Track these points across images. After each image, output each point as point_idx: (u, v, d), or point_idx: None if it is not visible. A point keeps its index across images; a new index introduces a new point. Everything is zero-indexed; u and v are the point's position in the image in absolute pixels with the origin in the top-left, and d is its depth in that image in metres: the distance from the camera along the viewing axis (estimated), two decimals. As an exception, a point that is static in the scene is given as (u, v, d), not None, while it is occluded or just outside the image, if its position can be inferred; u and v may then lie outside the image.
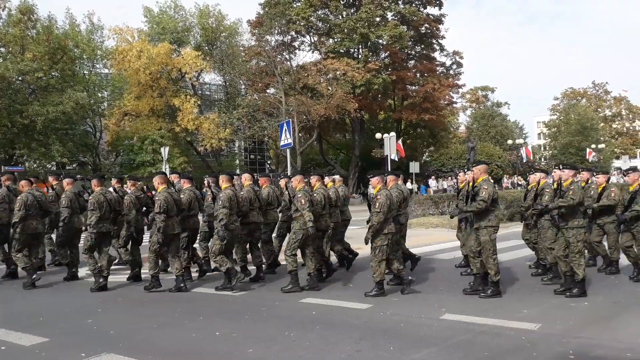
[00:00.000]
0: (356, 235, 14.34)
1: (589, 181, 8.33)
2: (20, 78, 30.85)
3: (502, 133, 60.43)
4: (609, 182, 8.41)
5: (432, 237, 13.61)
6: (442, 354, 4.71)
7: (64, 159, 33.07)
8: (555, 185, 7.03)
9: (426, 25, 40.38)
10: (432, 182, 39.80)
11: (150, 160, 34.03)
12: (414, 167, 32.00)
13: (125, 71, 35.21)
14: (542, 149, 73.21)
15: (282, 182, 9.37)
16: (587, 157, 50.75)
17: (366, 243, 7.25)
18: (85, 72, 36.61)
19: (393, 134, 24.93)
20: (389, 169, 21.09)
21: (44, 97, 30.75)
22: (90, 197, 8.25)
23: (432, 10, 41.29)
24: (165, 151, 26.89)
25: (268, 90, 38.88)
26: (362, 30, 35.56)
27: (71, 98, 30.41)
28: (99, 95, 38.00)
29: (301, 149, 36.35)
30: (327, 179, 9.21)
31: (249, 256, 8.67)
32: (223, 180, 8.20)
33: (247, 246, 8.63)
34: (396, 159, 27.65)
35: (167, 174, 9.28)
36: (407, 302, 6.72)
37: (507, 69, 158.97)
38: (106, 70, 39.04)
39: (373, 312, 6.26)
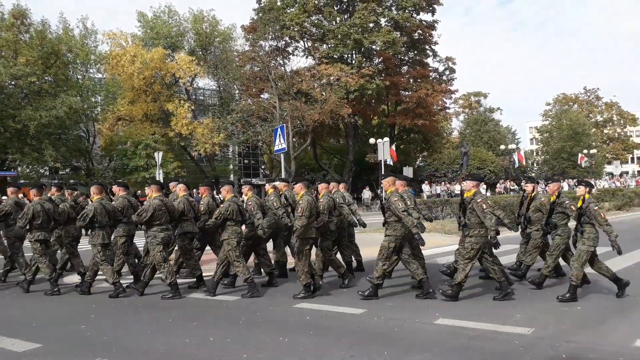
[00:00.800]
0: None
1: (534, 191, 8.63)
2: (13, 82, 30.70)
3: (494, 138, 60.74)
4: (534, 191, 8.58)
5: (426, 242, 13.61)
6: (436, 359, 4.72)
7: (57, 163, 32.93)
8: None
9: (419, 31, 40.62)
10: (425, 187, 39.90)
11: (143, 165, 33.94)
12: (408, 172, 32.11)
13: (119, 76, 35.13)
14: (534, 154, 73.60)
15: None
16: (579, 162, 51.05)
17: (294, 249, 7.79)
18: (78, 76, 36.48)
19: (387, 139, 25.04)
20: (383, 174, 21.21)
21: (37, 101, 30.62)
22: (25, 207, 8.51)
23: (425, 17, 41.61)
24: (159, 156, 26.86)
25: (262, 96, 38.91)
26: (355, 36, 35.72)
27: (64, 103, 30.29)
28: (93, 100, 37.85)
29: (295, 154, 36.36)
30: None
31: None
32: (152, 190, 8.37)
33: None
34: (391, 163, 27.67)
35: (161, 179, 9.38)
36: (401, 307, 6.73)
37: (499, 74, 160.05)
38: (100, 75, 38.93)
39: (367, 317, 6.27)
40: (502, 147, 49.98)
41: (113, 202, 8.64)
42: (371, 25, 37.68)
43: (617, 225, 12.13)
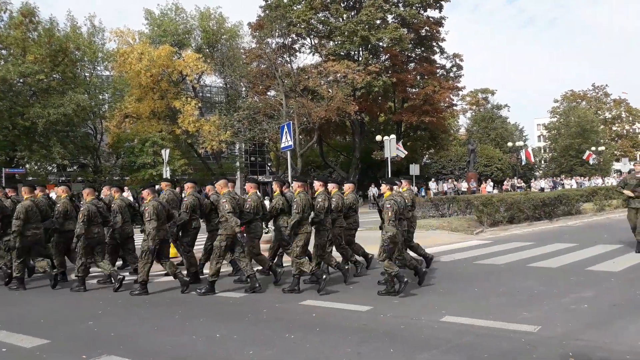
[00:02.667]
0: (357, 237, 14.39)
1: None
2: (21, 80, 30.88)
3: (502, 135, 60.45)
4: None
5: (432, 240, 13.60)
6: (442, 357, 4.72)
7: (65, 161, 33.09)
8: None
9: (426, 27, 40.45)
10: (432, 185, 39.80)
11: (151, 162, 34.05)
12: (414, 169, 32.01)
13: (126, 73, 35.24)
14: (542, 151, 73.22)
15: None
16: (586, 159, 50.74)
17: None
18: (86, 74, 36.67)
19: (393, 136, 24.97)
20: (389, 172, 21.14)
21: (45, 99, 30.78)
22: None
23: (432, 13, 41.41)
24: (165, 153, 26.91)
25: (269, 93, 38.93)
26: (362, 33, 35.62)
27: (72, 100, 30.43)
28: (100, 97, 38.04)
29: (302, 151, 36.35)
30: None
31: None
32: (24, 192, 8.74)
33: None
34: (403, 155, 27.45)
35: (168, 176, 9.52)
36: (407, 304, 6.73)
37: (507, 71, 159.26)
38: (107, 73, 39.11)
39: (373, 314, 6.27)
40: (510, 144, 49.73)
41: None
42: (378, 21, 37.55)
43: (620, 223, 12.03)
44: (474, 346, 4.96)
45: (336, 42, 38.11)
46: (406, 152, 29.63)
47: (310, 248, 8.32)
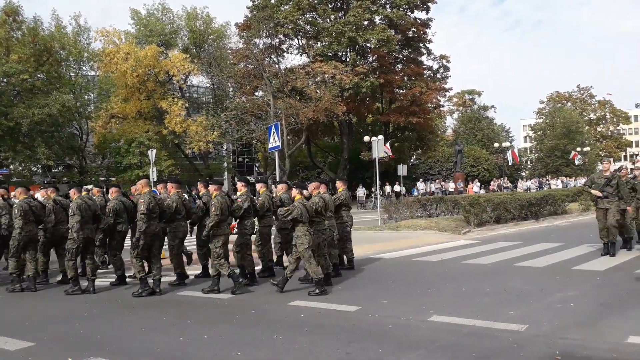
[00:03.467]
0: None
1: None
2: (5, 80, 30.52)
3: (488, 136, 60.91)
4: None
5: (420, 240, 13.67)
6: (430, 356, 4.73)
7: (50, 161, 32.74)
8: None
9: (413, 29, 40.63)
10: (420, 185, 39.98)
11: (137, 163, 33.81)
12: (402, 169, 32.12)
13: (112, 73, 34.96)
14: (528, 151, 73.89)
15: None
16: (572, 159, 51.29)
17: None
18: (71, 74, 36.31)
19: (381, 137, 25.00)
20: (378, 172, 21.16)
21: (29, 99, 30.43)
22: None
23: (419, 15, 41.62)
24: (152, 154, 26.71)
25: (256, 93, 38.82)
26: (350, 34, 35.67)
27: (57, 100, 30.12)
28: (86, 97, 37.68)
29: (290, 152, 36.31)
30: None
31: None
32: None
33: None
34: (388, 157, 27.57)
35: (153, 177, 9.52)
36: (395, 304, 6.74)
37: (493, 72, 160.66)
38: (93, 73, 38.77)
39: (361, 315, 6.27)
40: (496, 145, 50.17)
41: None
42: (365, 23, 37.64)
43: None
44: (461, 345, 4.98)
45: (324, 43, 38.13)
46: (391, 154, 29.64)
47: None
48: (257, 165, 58.67)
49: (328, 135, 47.09)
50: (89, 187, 10.51)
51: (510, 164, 47.36)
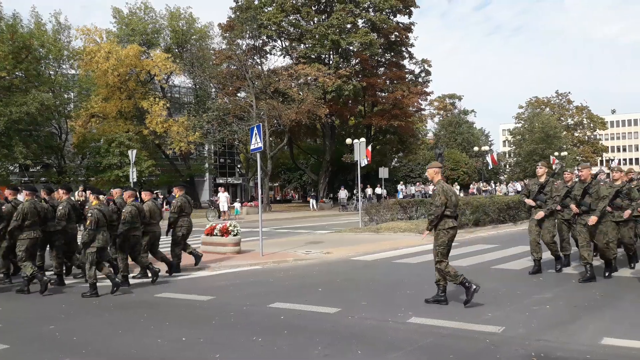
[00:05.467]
0: (328, 240, 14.44)
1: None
2: (-19, 77, 29.95)
3: (468, 140, 61.57)
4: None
5: (400, 242, 13.75)
6: (408, 358, 4.77)
7: (28, 161, 32.21)
8: None
9: (396, 33, 40.95)
10: (400, 187, 40.19)
11: (117, 163, 33.46)
12: (384, 172, 32.30)
13: (93, 72, 34.58)
14: (507, 156, 74.83)
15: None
16: (551, 164, 52.02)
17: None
18: (51, 72, 35.80)
19: (363, 139, 25.12)
20: (359, 175, 21.25)
21: (7, 97, 29.93)
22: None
23: (402, 19, 41.98)
24: (132, 154, 26.45)
25: (239, 94, 38.73)
26: (333, 37, 35.79)
27: (36, 99, 29.67)
28: (65, 96, 37.18)
29: (272, 154, 36.26)
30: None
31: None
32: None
33: None
34: (367, 162, 27.82)
35: (133, 178, 9.60)
36: (374, 306, 6.77)
37: (474, 77, 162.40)
38: (73, 71, 38.27)
39: (341, 316, 6.29)
40: (476, 148, 50.71)
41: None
42: (348, 26, 37.82)
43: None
44: (439, 347, 5.03)
45: (307, 45, 38.20)
46: (369, 161, 29.66)
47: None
48: (238, 166, 58.46)
49: (310, 137, 47.16)
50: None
51: (490, 167, 47.91)
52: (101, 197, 8.91)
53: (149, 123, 35.02)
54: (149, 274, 8.94)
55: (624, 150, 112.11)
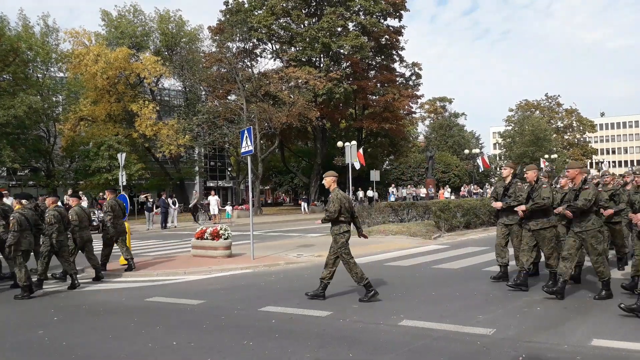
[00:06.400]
0: (319, 243, 14.42)
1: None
2: (-32, 80, 29.66)
3: (459, 143, 61.83)
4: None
5: (391, 244, 13.76)
6: (400, 360, 4.77)
7: (15, 164, 31.90)
8: None
9: (386, 36, 41.08)
10: (392, 190, 40.27)
11: (106, 166, 33.21)
12: (375, 175, 32.35)
13: (82, 75, 34.34)
14: (497, 158, 75.25)
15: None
16: (541, 166, 52.36)
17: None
18: (39, 75, 35.51)
19: (354, 142, 25.21)
20: (350, 178, 21.27)
21: (-6, 100, 29.63)
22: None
23: (392, 22, 42.15)
24: (122, 157, 26.25)
25: (229, 97, 38.65)
26: (323, 40, 35.84)
27: (23, 102, 29.41)
28: (54, 99, 36.87)
29: (263, 157, 36.19)
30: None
31: None
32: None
33: None
34: (357, 167, 27.96)
35: (122, 181, 9.75)
36: (366, 309, 6.77)
37: (464, 80, 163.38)
38: (61, 74, 37.99)
39: (332, 320, 6.28)
40: (466, 151, 50.94)
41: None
42: (339, 29, 37.89)
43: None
44: (430, 349, 5.03)
45: (297, 48, 38.21)
46: (362, 164, 29.70)
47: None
48: (229, 169, 58.29)
49: (301, 140, 47.16)
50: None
51: (480, 170, 48.13)
52: (24, 201, 9.19)
53: (139, 126, 34.84)
54: (68, 280, 9.30)
55: (613, 152, 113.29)
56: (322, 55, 38.71)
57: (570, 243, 6.96)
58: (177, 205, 26.68)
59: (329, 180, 7.48)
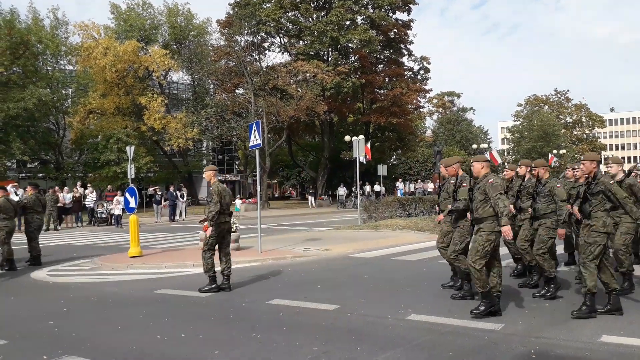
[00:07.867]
0: (326, 237, 14.43)
1: None
2: (-21, 73, 29.86)
3: (467, 137, 61.53)
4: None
5: (399, 239, 13.75)
6: (407, 355, 4.76)
7: (25, 157, 32.14)
8: None
9: (395, 30, 40.87)
10: (399, 185, 40.20)
11: (115, 159, 33.37)
12: (382, 170, 32.28)
13: (91, 68, 34.45)
14: (505, 153, 74.86)
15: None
16: (548, 162, 52.05)
17: None
18: (48, 68, 35.69)
19: (362, 136, 25.09)
20: (357, 172, 21.23)
21: (4, 93, 29.83)
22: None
23: (401, 16, 41.92)
24: (130, 150, 26.37)
25: (237, 91, 38.67)
26: (332, 34, 35.72)
27: (33, 94, 29.58)
28: (63, 92, 37.08)
29: (270, 150, 36.22)
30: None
31: None
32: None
33: None
34: (364, 162, 27.90)
35: (131, 174, 9.89)
36: (373, 303, 6.77)
37: (473, 75, 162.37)
38: (70, 67, 38.17)
39: (340, 313, 6.28)
40: (474, 146, 50.69)
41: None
42: (347, 23, 37.75)
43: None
44: (438, 344, 5.03)
45: (306, 42, 38.11)
46: (369, 158, 29.50)
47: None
48: (237, 163, 58.40)
49: (309, 134, 47.13)
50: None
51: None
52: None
53: (147, 119, 34.94)
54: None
55: (622, 148, 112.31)
56: (330, 49, 38.60)
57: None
58: (185, 198, 26.79)
59: (211, 173, 7.87)
